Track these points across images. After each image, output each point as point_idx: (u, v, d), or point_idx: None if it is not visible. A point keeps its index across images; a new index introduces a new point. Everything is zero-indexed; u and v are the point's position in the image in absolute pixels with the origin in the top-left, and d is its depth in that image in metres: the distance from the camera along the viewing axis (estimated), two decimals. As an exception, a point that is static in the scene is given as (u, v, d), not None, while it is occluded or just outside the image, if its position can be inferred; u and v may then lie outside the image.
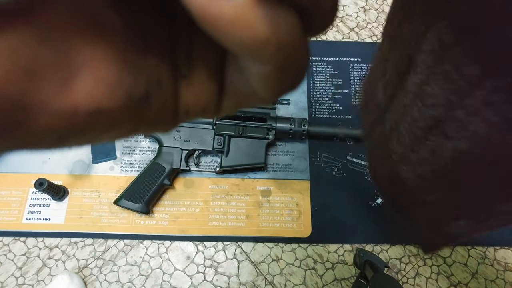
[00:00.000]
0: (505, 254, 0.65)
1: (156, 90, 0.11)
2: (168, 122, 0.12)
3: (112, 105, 0.10)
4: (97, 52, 0.09)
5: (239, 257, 0.62)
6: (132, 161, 0.67)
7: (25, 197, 0.64)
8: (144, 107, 0.11)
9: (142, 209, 0.60)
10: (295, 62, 0.10)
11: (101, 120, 0.10)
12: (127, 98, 0.10)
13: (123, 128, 0.11)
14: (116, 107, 0.10)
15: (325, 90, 0.75)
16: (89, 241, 0.62)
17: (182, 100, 0.12)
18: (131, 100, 0.10)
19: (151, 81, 0.10)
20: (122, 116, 0.10)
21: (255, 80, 0.10)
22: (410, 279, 0.63)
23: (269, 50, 0.08)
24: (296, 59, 0.09)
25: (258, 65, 0.09)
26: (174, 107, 0.12)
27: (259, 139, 0.65)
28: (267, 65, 0.09)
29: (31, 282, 0.59)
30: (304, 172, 0.68)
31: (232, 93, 0.12)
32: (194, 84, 0.12)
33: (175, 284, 0.60)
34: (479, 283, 0.63)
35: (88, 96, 0.09)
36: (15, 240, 0.61)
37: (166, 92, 0.11)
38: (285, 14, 0.08)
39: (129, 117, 0.10)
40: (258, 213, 0.65)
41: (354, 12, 0.83)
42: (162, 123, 0.12)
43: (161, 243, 0.63)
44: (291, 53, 0.09)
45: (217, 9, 0.07)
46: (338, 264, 0.63)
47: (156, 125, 0.12)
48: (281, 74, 0.10)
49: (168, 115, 0.12)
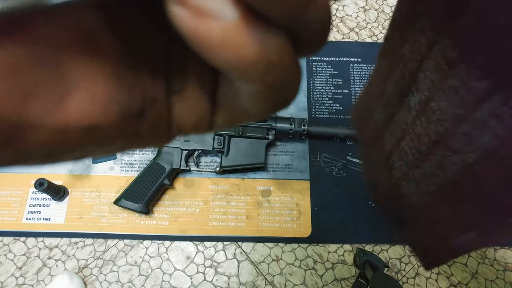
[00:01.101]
0: (505, 254, 0.65)
1: (151, 106, 0.11)
2: (162, 138, 0.12)
3: (106, 121, 0.10)
4: (91, 69, 0.09)
5: (239, 257, 0.62)
6: (132, 161, 0.67)
7: (25, 197, 0.64)
8: (139, 123, 0.11)
9: (142, 209, 0.60)
10: (286, 82, 0.10)
11: (95, 136, 0.10)
12: (122, 114, 0.10)
13: (118, 144, 0.11)
14: (110, 123, 0.10)
15: (325, 90, 0.75)
16: (89, 241, 0.62)
17: (175, 116, 0.12)
18: (126, 116, 0.10)
19: (146, 98, 0.11)
20: (117, 132, 0.10)
21: (245, 99, 0.10)
22: (410, 279, 0.63)
23: (258, 71, 0.08)
24: (287, 79, 0.10)
25: (248, 85, 0.09)
26: (167, 123, 0.12)
27: (259, 139, 0.65)
28: (257, 85, 0.09)
29: (31, 282, 0.59)
30: (304, 172, 0.68)
31: (225, 110, 0.12)
32: (187, 101, 0.12)
33: (175, 284, 0.60)
34: (479, 283, 0.63)
35: (81, 113, 0.09)
36: (15, 240, 0.61)
37: (161, 108, 0.11)
38: (274, 35, 0.08)
39: (124, 133, 0.11)
40: (258, 213, 0.65)
41: (354, 12, 0.83)
42: (156, 139, 0.12)
43: (161, 243, 0.63)
44: (281, 73, 0.09)
45: (206, 30, 0.07)
46: (338, 264, 0.63)
47: (150, 141, 0.12)
48: (271, 94, 0.10)
49: (162, 131, 0.12)
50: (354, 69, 0.77)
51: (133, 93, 0.10)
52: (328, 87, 0.75)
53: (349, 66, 0.77)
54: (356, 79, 0.76)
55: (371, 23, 0.82)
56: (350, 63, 0.77)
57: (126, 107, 0.10)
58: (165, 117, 0.12)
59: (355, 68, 0.77)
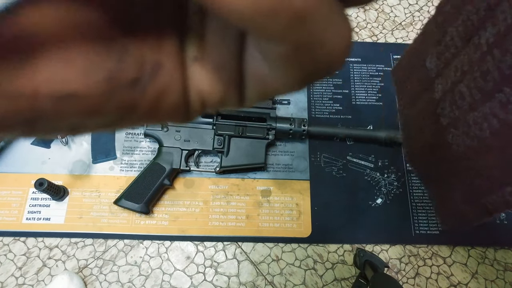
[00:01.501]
0: (505, 254, 0.65)
1: (152, 76, 0.09)
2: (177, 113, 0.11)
3: (86, 91, 0.08)
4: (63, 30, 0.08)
5: (239, 257, 0.62)
6: (132, 161, 0.67)
7: (25, 197, 0.64)
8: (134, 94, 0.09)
9: (142, 209, 0.60)
10: (323, 41, 0.07)
11: (77, 106, 0.09)
12: (108, 84, 0.09)
13: (108, 117, 0.09)
14: (93, 93, 0.08)
15: (325, 90, 0.75)
16: (89, 241, 0.62)
17: (194, 88, 0.10)
18: (115, 86, 0.09)
19: (145, 65, 0.09)
20: (105, 103, 0.09)
21: (274, 63, 0.08)
22: (410, 279, 0.63)
23: (279, 23, 0.07)
24: (324, 35, 0.07)
25: (273, 46, 0.08)
26: (182, 95, 0.10)
27: (259, 139, 0.65)
28: (282, 44, 0.07)
29: (31, 282, 0.59)
30: (304, 172, 0.68)
31: (254, 79, 0.10)
32: (208, 69, 0.10)
33: (175, 284, 0.60)
34: (479, 283, 0.63)
35: (51, 81, 0.08)
36: (15, 240, 0.61)
37: (169, 77, 0.10)
38: None
39: (115, 105, 0.09)
40: (258, 213, 0.65)
41: (354, 12, 0.83)
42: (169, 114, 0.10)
43: (161, 243, 0.63)
44: (315, 28, 0.07)
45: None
46: (338, 264, 0.63)
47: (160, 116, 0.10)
48: (304, 56, 0.08)
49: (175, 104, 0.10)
50: (354, 69, 0.77)
51: (125, 60, 0.09)
52: (328, 87, 0.75)
53: (349, 66, 0.77)
54: (356, 79, 0.76)
55: (371, 23, 0.82)
56: (350, 63, 0.77)
57: (114, 76, 0.09)
58: (178, 88, 0.10)
59: (355, 68, 0.77)
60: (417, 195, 0.68)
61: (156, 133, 0.64)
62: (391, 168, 0.69)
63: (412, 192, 0.68)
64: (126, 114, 0.10)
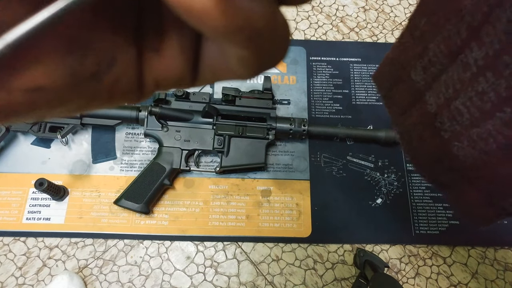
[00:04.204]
0: (505, 254, 0.65)
1: (108, 68, 0.11)
2: (131, 95, 0.12)
3: (53, 84, 0.10)
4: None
5: (239, 257, 0.62)
6: (132, 161, 0.67)
7: (25, 197, 0.64)
8: (94, 84, 0.11)
9: (142, 209, 0.60)
10: (274, 43, 0.09)
11: (45, 97, 0.10)
12: (71, 78, 0.10)
13: (74, 104, 0.11)
14: (58, 86, 0.10)
15: (325, 90, 0.75)
16: (89, 241, 0.62)
17: (150, 73, 0.12)
18: (77, 79, 0.10)
19: (102, 61, 0.10)
20: (69, 94, 0.10)
21: (233, 62, 0.10)
22: (410, 279, 0.63)
23: (244, 36, 0.08)
24: (274, 40, 0.09)
25: (235, 49, 0.09)
26: (136, 80, 0.12)
27: (259, 139, 0.65)
28: (244, 50, 0.09)
29: (31, 282, 0.59)
30: (304, 172, 0.68)
31: (209, 66, 0.12)
32: (166, 58, 0.12)
33: (175, 284, 0.60)
34: (479, 283, 0.63)
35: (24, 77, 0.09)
36: (15, 240, 0.61)
37: (123, 68, 0.11)
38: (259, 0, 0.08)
39: (79, 94, 0.11)
40: (258, 213, 0.65)
41: (354, 12, 0.83)
42: (124, 96, 0.12)
43: (161, 243, 0.63)
44: (268, 36, 0.09)
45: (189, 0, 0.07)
46: (338, 264, 0.63)
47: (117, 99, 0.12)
48: (260, 56, 0.09)
49: (129, 88, 0.12)
50: (354, 69, 0.77)
51: (84, 58, 0.10)
52: (328, 87, 0.75)
53: (349, 66, 0.77)
54: (356, 79, 0.76)
55: (371, 23, 0.82)
56: (350, 63, 0.77)
57: (76, 73, 0.10)
58: (132, 75, 0.12)
59: (355, 68, 0.77)
60: (417, 195, 0.68)
61: (156, 133, 0.64)
62: (391, 168, 0.69)
63: (412, 192, 0.68)
64: (91, 101, 0.11)
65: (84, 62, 0.10)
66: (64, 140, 0.63)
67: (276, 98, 0.73)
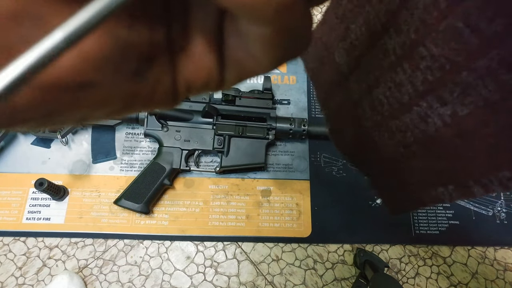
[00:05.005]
0: (505, 254, 0.65)
1: (149, 66, 0.11)
2: (167, 99, 0.12)
3: (99, 80, 0.10)
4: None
5: (239, 257, 0.62)
6: (132, 161, 0.67)
7: (25, 197, 0.64)
8: (137, 83, 0.11)
9: (142, 209, 0.60)
10: (297, 27, 0.09)
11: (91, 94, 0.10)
12: (116, 74, 0.10)
13: (117, 104, 0.11)
14: (104, 81, 0.10)
15: (325, 90, 0.75)
16: (89, 241, 0.62)
17: (181, 75, 0.12)
18: (121, 75, 0.10)
19: (142, 57, 0.10)
20: (114, 92, 0.10)
21: (255, 45, 0.10)
22: (410, 279, 0.63)
23: (269, 11, 0.08)
24: (298, 23, 0.09)
25: (258, 28, 0.09)
26: (172, 83, 0.12)
27: (259, 139, 0.65)
28: (267, 27, 0.09)
29: (31, 282, 0.59)
30: (304, 172, 0.68)
31: (233, 63, 0.12)
32: (193, 57, 0.12)
33: (175, 284, 0.60)
34: (479, 283, 0.63)
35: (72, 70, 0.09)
36: (15, 240, 0.61)
37: (162, 67, 0.11)
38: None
39: (121, 92, 0.10)
40: (258, 213, 0.65)
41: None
42: (162, 99, 0.12)
43: (161, 243, 0.63)
44: (292, 17, 0.09)
45: None
46: (338, 264, 0.63)
47: (155, 102, 0.12)
48: (282, 38, 0.09)
49: (167, 91, 0.12)
50: (354, 69, 0.77)
51: (128, 52, 0.10)
52: (328, 87, 0.75)
53: (349, 66, 0.77)
54: (356, 79, 0.76)
55: (371, 23, 0.82)
56: (350, 63, 0.77)
57: (120, 67, 0.10)
58: (169, 76, 0.11)
59: (355, 68, 0.77)
60: (417, 195, 0.67)
61: (156, 133, 0.64)
62: (391, 168, 0.69)
63: (412, 192, 0.68)
64: (132, 102, 0.11)
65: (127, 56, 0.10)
66: (64, 140, 0.63)
67: (276, 98, 0.73)
